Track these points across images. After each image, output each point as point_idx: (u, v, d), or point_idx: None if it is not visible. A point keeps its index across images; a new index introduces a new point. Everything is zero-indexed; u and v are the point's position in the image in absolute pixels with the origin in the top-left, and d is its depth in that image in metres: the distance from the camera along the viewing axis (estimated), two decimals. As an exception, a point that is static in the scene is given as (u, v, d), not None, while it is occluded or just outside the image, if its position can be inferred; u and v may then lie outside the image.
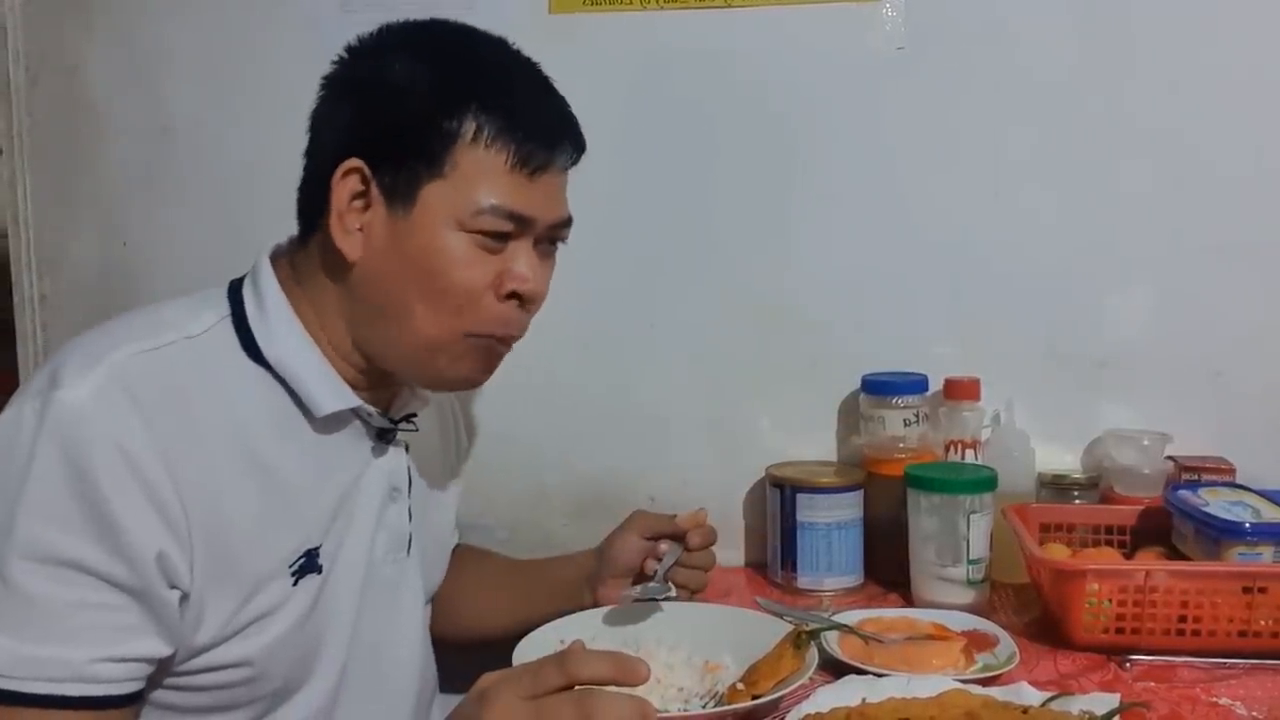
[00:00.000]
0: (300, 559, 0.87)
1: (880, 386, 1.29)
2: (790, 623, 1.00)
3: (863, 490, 1.26)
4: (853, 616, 1.08)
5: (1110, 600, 1.03)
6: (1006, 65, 1.31)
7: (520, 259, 0.89)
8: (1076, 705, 0.86)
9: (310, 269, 0.90)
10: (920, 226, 1.34)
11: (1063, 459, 1.33)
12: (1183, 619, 1.02)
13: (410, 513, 0.99)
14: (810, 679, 0.92)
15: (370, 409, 0.92)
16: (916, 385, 1.29)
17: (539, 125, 0.88)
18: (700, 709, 0.93)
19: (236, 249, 0.95)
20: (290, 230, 0.93)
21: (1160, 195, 1.30)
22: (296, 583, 0.86)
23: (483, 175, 0.85)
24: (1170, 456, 1.28)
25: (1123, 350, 1.32)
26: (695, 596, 1.13)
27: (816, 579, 1.25)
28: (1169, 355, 1.31)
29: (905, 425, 1.28)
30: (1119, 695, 0.88)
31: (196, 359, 0.83)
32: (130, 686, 0.77)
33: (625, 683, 0.73)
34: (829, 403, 1.37)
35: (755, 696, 0.90)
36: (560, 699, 0.71)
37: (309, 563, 0.87)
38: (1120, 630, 1.03)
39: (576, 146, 0.92)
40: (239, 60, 1.41)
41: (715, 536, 1.15)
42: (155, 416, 0.78)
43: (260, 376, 0.87)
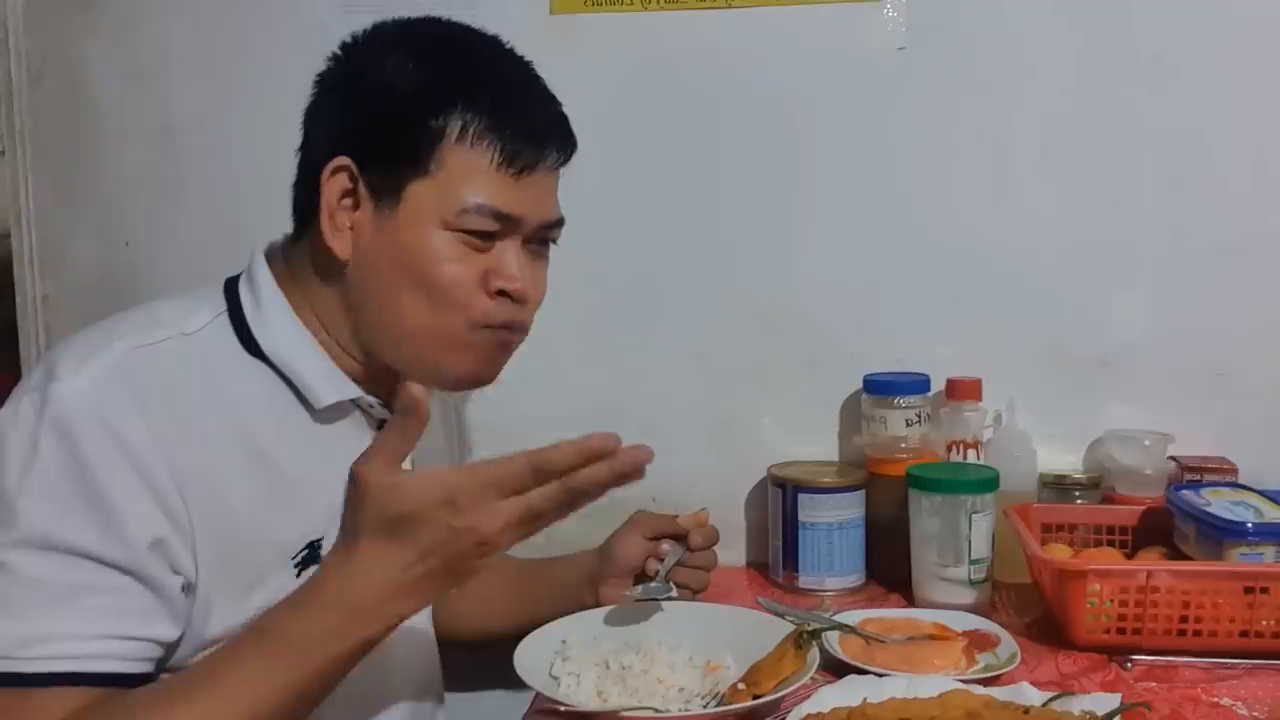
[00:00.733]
0: (303, 550, 0.87)
1: (882, 386, 1.29)
2: (792, 623, 1.00)
3: (864, 490, 1.27)
4: (854, 616, 1.08)
5: (1112, 600, 1.03)
6: (1007, 65, 1.31)
7: (508, 258, 0.88)
8: (1078, 705, 0.85)
9: (305, 266, 0.90)
10: (922, 226, 1.34)
11: (1064, 459, 1.33)
12: (1184, 619, 1.02)
13: None
14: (812, 679, 0.92)
15: (371, 399, 0.92)
16: (918, 385, 1.29)
17: (526, 124, 0.87)
18: (701, 709, 0.93)
19: (238, 248, 0.95)
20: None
21: (1162, 195, 1.30)
22: (299, 574, 0.86)
23: (468, 174, 0.85)
24: (1172, 457, 1.28)
25: (1124, 350, 1.32)
26: (697, 596, 1.13)
27: (818, 579, 1.25)
28: (1171, 355, 1.31)
29: (907, 425, 1.28)
30: (1120, 695, 0.87)
31: (193, 354, 0.84)
32: (138, 667, 0.77)
33: (403, 441, 0.73)
34: (830, 403, 1.37)
35: (756, 696, 0.90)
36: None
37: (312, 555, 0.87)
38: (1122, 630, 1.03)
39: (566, 146, 0.91)
40: (241, 60, 1.41)
41: (717, 536, 1.15)
42: (151, 407, 0.78)
43: (259, 370, 0.87)
